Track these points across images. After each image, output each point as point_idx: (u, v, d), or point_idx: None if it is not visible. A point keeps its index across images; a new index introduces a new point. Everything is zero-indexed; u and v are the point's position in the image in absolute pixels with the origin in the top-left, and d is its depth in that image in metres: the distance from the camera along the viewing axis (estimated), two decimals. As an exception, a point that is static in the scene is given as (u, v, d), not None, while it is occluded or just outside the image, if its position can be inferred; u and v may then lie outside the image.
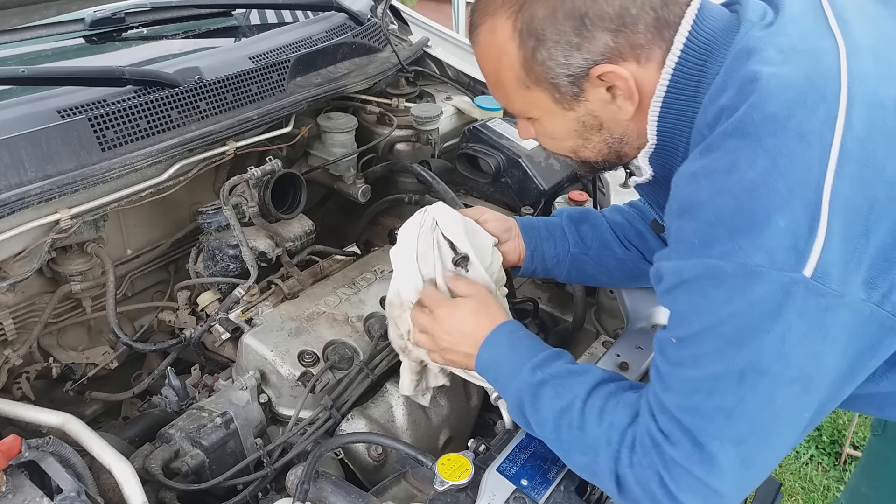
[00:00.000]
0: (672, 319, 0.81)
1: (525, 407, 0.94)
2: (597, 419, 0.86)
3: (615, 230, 1.21)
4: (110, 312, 1.29)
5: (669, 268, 0.80)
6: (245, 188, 1.37)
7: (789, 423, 0.78)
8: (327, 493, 0.97)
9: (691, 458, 0.77)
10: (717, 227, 0.74)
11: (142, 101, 1.26)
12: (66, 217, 1.18)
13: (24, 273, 1.21)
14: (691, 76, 0.84)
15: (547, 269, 1.21)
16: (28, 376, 1.30)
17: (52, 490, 0.89)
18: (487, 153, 1.63)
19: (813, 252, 0.70)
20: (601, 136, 0.93)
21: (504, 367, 0.98)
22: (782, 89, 0.74)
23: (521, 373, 0.94)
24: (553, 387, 0.91)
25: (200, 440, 1.06)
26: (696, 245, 0.76)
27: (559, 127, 0.94)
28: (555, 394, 0.91)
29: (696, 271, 0.76)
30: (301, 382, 1.14)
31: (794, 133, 0.72)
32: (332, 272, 1.43)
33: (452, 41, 2.00)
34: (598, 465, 0.85)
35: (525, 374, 0.94)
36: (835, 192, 0.70)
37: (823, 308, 0.71)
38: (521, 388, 0.94)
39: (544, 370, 0.93)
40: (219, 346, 1.29)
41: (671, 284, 0.80)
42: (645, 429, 0.81)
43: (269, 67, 1.46)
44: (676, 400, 0.79)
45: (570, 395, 0.89)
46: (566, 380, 0.91)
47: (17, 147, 1.11)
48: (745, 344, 0.74)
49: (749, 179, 0.72)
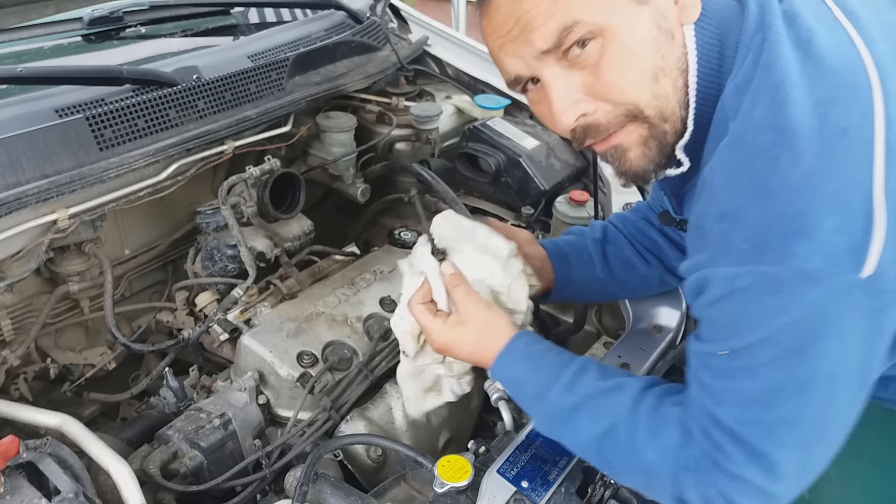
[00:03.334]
0: (717, 331, 0.77)
1: (560, 431, 0.90)
2: (646, 441, 0.82)
3: (634, 245, 1.18)
4: (108, 313, 1.28)
5: (720, 276, 0.74)
6: (243, 188, 1.37)
7: (846, 420, 0.76)
8: (326, 495, 0.96)
9: (754, 470, 0.75)
10: (768, 231, 0.70)
11: (140, 100, 1.25)
12: (63, 217, 1.17)
13: (22, 273, 1.20)
14: (711, 50, 0.80)
15: (575, 295, 1.20)
16: (26, 377, 1.30)
17: (49, 491, 0.89)
18: (488, 153, 1.63)
19: (871, 252, 0.67)
20: (672, 51, 0.79)
21: (527, 387, 0.93)
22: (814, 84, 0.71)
23: (550, 395, 0.89)
24: (590, 409, 0.87)
25: (199, 441, 1.06)
26: (747, 251, 0.71)
27: (639, 33, 0.77)
28: (593, 416, 0.86)
29: (749, 279, 0.71)
30: (300, 383, 1.14)
31: (834, 130, 0.69)
32: (332, 272, 1.42)
33: (452, 40, 2.00)
34: (655, 486, 0.83)
35: (555, 398, 0.89)
36: (887, 188, 0.67)
37: (882, 307, 0.69)
38: (554, 413, 0.90)
39: (576, 391, 0.87)
40: (217, 346, 1.28)
41: (720, 294, 0.74)
42: (701, 449, 0.78)
43: (267, 66, 1.45)
44: (733, 413, 0.75)
45: (610, 416, 0.85)
46: (603, 400, 0.86)
47: (14, 146, 1.11)
48: (805, 352, 0.71)
49: (795, 180, 0.68)
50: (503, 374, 0.95)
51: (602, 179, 1.60)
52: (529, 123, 1.76)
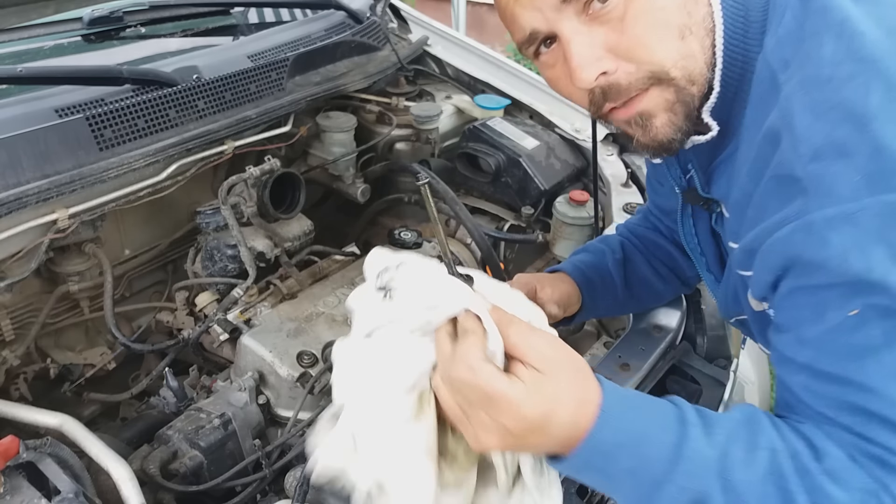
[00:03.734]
0: (836, 291, 0.63)
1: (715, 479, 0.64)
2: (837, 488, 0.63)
3: (651, 262, 1.16)
4: (108, 313, 1.28)
5: (832, 217, 0.62)
6: (243, 188, 1.37)
7: None
8: (326, 495, 0.96)
9: None
10: (881, 157, 0.61)
11: (140, 100, 1.25)
12: (63, 217, 1.17)
13: (22, 273, 1.20)
14: (737, 9, 0.75)
15: (591, 316, 1.17)
16: (26, 377, 1.30)
17: (49, 491, 0.89)
18: (488, 152, 1.63)
19: None
20: (698, 9, 0.74)
21: (652, 438, 0.66)
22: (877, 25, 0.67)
23: (690, 443, 0.65)
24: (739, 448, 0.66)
25: (199, 441, 1.06)
26: (861, 183, 0.61)
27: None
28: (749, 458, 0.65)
29: (873, 211, 0.61)
30: (300, 383, 1.14)
31: None
32: (332, 272, 1.42)
33: (452, 40, 2.00)
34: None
35: (698, 443, 0.65)
36: None
37: None
38: (705, 473, 0.65)
39: (714, 433, 0.66)
40: (217, 346, 1.28)
41: (839, 239, 0.62)
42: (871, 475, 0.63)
43: (267, 66, 1.45)
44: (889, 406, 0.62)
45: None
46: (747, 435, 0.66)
47: (14, 146, 1.11)
48: None
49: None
50: (614, 433, 0.65)
51: (602, 179, 1.60)
52: (529, 123, 1.77)
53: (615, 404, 0.66)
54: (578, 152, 1.73)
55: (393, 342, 0.67)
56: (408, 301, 0.66)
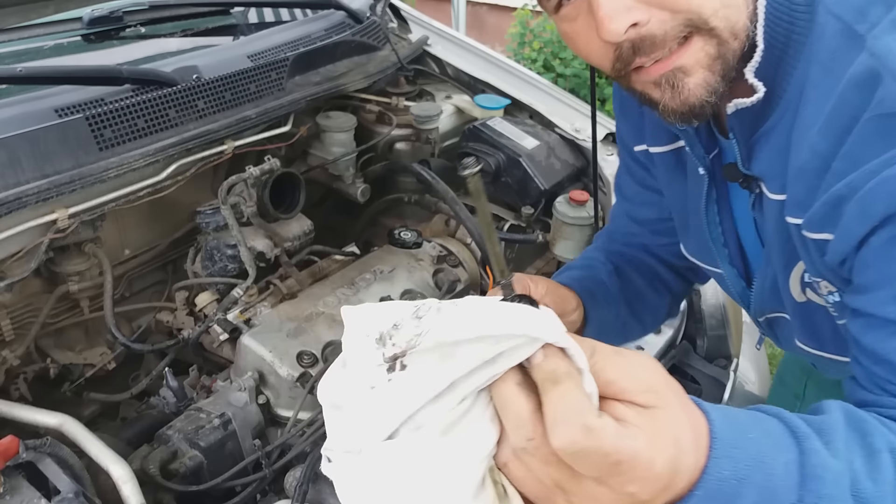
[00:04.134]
0: None
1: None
2: None
3: (640, 273, 1.06)
4: (108, 313, 1.28)
5: None
6: (243, 188, 1.37)
7: None
8: (326, 495, 0.96)
9: None
10: None
11: (139, 100, 1.25)
12: (63, 217, 1.17)
13: (22, 273, 1.20)
14: None
15: (601, 329, 0.98)
16: (26, 377, 1.29)
17: (49, 491, 0.89)
18: (487, 152, 1.62)
19: None
20: None
21: (777, 460, 0.53)
22: None
23: (812, 457, 0.53)
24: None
25: (198, 441, 1.06)
26: None
27: None
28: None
29: None
30: (300, 383, 1.14)
31: None
32: (331, 272, 1.42)
33: (452, 40, 2.00)
34: None
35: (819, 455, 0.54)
36: None
37: None
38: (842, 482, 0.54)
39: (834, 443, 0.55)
40: (217, 346, 1.28)
41: None
42: None
43: (267, 66, 1.45)
44: None
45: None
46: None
47: (14, 146, 1.11)
48: None
49: None
50: (734, 466, 0.50)
51: (602, 179, 1.60)
52: (529, 123, 1.76)
53: (725, 428, 0.51)
54: (578, 152, 1.73)
55: (434, 440, 0.45)
56: (448, 347, 0.44)
